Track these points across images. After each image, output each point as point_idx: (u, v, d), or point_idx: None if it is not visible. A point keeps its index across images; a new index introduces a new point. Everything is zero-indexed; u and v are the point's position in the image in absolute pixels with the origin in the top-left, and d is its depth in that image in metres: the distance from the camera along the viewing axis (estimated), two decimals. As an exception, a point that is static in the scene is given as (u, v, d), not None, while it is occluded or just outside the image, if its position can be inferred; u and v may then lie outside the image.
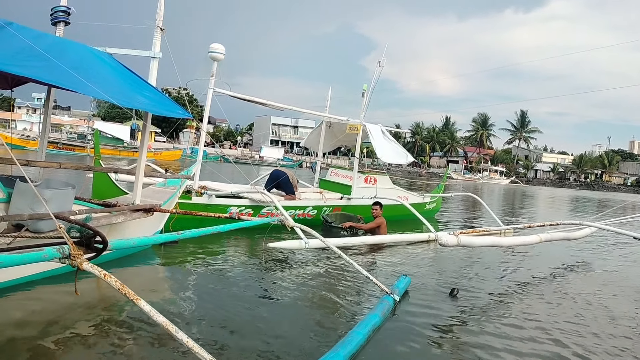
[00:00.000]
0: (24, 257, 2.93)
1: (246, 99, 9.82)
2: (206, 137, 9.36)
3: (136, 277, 5.77)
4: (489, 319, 5.22)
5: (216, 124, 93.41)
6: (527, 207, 27.64)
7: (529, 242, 7.84)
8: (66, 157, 33.38)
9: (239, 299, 5.15)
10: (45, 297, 4.63)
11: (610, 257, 10.22)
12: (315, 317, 4.85)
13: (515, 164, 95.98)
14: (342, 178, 12.40)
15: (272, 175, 10.51)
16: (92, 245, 3.58)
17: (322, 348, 3.99)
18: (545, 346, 4.56)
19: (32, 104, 75.17)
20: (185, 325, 4.23)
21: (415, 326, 4.81)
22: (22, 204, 4.50)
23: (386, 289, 5.32)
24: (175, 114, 5.42)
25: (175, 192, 7.08)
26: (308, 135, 14.19)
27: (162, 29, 8.84)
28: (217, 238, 7.85)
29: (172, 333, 2.73)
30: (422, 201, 13.82)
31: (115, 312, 4.51)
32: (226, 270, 6.41)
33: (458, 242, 5.96)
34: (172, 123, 60.20)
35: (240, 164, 16.47)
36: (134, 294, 2.86)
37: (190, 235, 4.78)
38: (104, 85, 4.46)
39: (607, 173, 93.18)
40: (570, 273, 8.17)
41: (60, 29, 6.31)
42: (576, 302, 6.29)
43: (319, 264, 7.11)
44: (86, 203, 5.59)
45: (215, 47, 8.76)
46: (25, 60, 3.98)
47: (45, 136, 6.24)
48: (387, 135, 12.59)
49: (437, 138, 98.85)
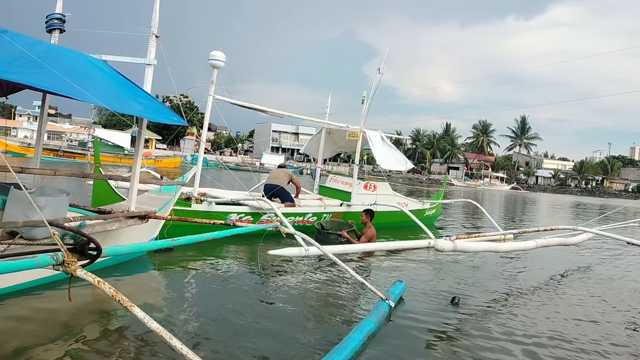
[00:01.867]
0: (17, 264, 2.92)
1: (246, 106, 9.85)
2: (206, 145, 9.35)
3: (131, 284, 5.74)
4: (485, 326, 5.19)
5: (217, 131, 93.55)
6: (528, 213, 27.61)
7: (526, 248, 7.81)
8: (67, 164, 33.37)
9: (234, 306, 5.12)
10: (39, 304, 4.60)
11: (611, 263, 10.19)
12: (311, 323, 4.82)
13: (516, 171, 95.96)
14: (342, 185, 12.41)
15: (266, 189, 10.45)
16: (86, 252, 3.57)
17: (317, 354, 3.97)
18: (544, 355, 4.53)
19: (34, 112, 75.40)
20: (179, 332, 4.21)
21: (410, 332, 4.80)
22: (16, 211, 4.48)
23: (381, 295, 5.29)
24: (170, 120, 5.43)
25: (170, 199, 7.08)
26: (308, 141, 14.24)
27: (157, 36, 8.87)
28: (212, 245, 7.81)
29: (166, 339, 2.71)
30: (421, 207, 13.82)
31: (109, 318, 4.48)
32: (221, 276, 6.39)
33: (454, 247, 5.96)
34: (173, 130, 60.42)
35: (241, 171, 16.49)
36: (127, 301, 2.85)
37: (185, 241, 4.76)
38: (99, 92, 4.46)
39: (608, 179, 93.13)
40: (571, 279, 8.13)
41: (55, 36, 6.34)
42: (576, 308, 6.25)
43: (315, 270, 7.08)
44: (81, 210, 5.58)
45: (215, 55, 8.77)
46: (21, 67, 3.99)
47: (40, 143, 6.24)
48: (387, 142, 12.60)
49: (437, 144, 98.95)
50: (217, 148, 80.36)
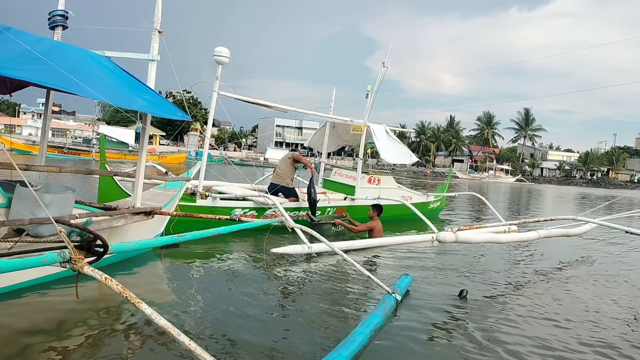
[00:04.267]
0: (25, 262, 2.92)
1: (250, 101, 9.83)
2: (210, 140, 9.36)
3: (137, 280, 5.76)
4: (493, 319, 5.17)
5: (220, 126, 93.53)
6: (534, 205, 27.51)
7: (528, 239, 7.77)
8: (72, 161, 33.49)
9: (241, 301, 5.13)
10: (46, 302, 4.62)
11: (623, 253, 10.14)
12: (317, 318, 4.82)
13: (521, 162, 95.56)
14: (346, 178, 12.41)
15: (269, 189, 10.40)
16: (92, 249, 3.58)
17: (324, 348, 3.97)
18: (552, 349, 4.50)
19: (38, 109, 75.52)
20: (187, 328, 4.22)
21: (417, 325, 4.79)
22: (22, 208, 4.50)
23: (387, 289, 5.29)
24: (174, 115, 5.42)
25: (175, 195, 7.08)
26: (312, 135, 14.23)
27: (160, 31, 8.84)
28: (218, 240, 7.84)
29: (174, 336, 2.71)
30: (426, 200, 13.83)
31: (117, 315, 4.50)
32: (227, 271, 6.40)
33: (456, 238, 5.93)
34: (177, 126, 60.45)
35: (245, 167, 16.50)
36: (135, 297, 2.84)
37: (191, 237, 4.77)
38: (102, 88, 4.45)
39: (614, 170, 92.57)
40: (576, 270, 8.10)
41: (58, 33, 6.30)
42: (582, 301, 6.22)
43: (320, 264, 7.08)
44: (86, 207, 5.58)
45: (219, 51, 8.77)
46: (24, 64, 3.98)
47: (44, 140, 6.24)
48: (391, 135, 12.60)
49: (442, 137, 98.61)
50: (221, 143, 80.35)
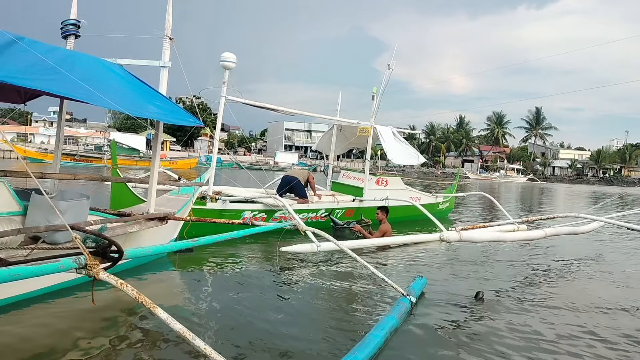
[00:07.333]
0: (41, 268, 2.95)
1: (258, 105, 9.91)
2: (220, 145, 9.44)
3: (152, 285, 5.80)
4: (511, 320, 5.12)
5: (230, 131, 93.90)
6: (545, 204, 27.26)
7: (534, 237, 7.71)
8: (84, 168, 33.79)
9: (255, 304, 5.14)
10: (62, 308, 4.66)
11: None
12: (331, 320, 4.82)
13: (532, 162, 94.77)
14: (354, 180, 12.44)
15: (284, 181, 10.55)
16: (108, 254, 3.61)
17: (340, 351, 3.97)
18: (570, 354, 4.44)
19: (49, 118, 76.25)
20: (202, 332, 4.24)
21: (433, 327, 4.76)
22: (38, 216, 4.55)
23: (402, 291, 5.26)
24: (186, 122, 5.46)
25: (188, 200, 7.13)
26: (320, 138, 14.27)
27: (171, 38, 8.95)
28: (231, 243, 7.86)
29: (190, 340, 2.73)
30: (434, 201, 13.82)
31: (133, 320, 4.53)
32: (241, 275, 6.42)
33: (460, 237, 5.93)
34: (187, 132, 60.77)
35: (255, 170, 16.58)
36: (150, 302, 2.87)
37: (205, 242, 4.79)
38: (115, 96, 4.50)
39: (626, 167, 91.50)
40: (591, 270, 8.01)
41: (71, 42, 6.41)
42: (601, 299, 6.15)
43: (333, 266, 7.08)
44: (101, 213, 5.64)
45: (226, 56, 8.87)
46: (38, 74, 4.04)
47: (59, 148, 6.32)
48: (398, 136, 12.60)
49: (451, 138, 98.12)
50: (231, 147, 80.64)
